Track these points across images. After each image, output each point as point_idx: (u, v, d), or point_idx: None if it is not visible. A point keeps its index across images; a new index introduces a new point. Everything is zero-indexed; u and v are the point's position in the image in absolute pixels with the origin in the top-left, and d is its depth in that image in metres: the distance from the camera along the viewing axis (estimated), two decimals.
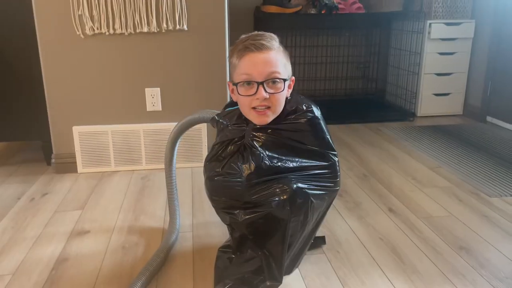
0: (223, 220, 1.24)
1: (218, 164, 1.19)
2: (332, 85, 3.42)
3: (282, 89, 1.13)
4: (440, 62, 3.00)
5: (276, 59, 1.11)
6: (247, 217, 1.14)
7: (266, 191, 1.12)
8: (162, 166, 2.05)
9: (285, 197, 1.10)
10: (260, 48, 1.10)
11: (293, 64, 3.16)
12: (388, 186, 1.88)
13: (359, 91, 3.48)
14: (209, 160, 1.22)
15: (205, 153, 2.06)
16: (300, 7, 2.84)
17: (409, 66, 3.05)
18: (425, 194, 1.80)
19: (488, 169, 2.06)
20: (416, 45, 2.96)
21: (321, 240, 1.41)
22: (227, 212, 1.20)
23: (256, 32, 1.16)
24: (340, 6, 2.88)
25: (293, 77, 1.20)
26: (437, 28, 2.91)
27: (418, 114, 3.08)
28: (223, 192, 1.18)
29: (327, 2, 2.79)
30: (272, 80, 1.11)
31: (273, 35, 1.16)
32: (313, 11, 2.84)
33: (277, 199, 1.10)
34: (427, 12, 2.95)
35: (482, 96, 2.96)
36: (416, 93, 3.03)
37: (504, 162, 2.15)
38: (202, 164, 2.01)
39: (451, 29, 2.93)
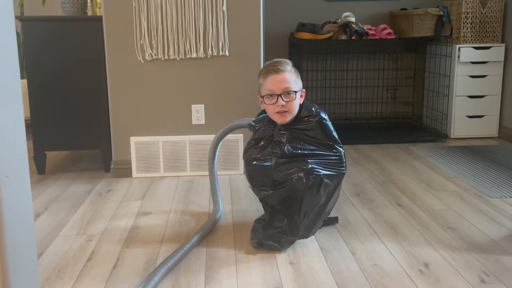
0: (257, 195, 2.02)
1: (254, 151, 1.99)
2: (367, 109, 4.19)
3: (295, 98, 1.95)
4: (472, 84, 3.73)
5: (289, 78, 1.95)
6: (276, 189, 1.91)
7: (289, 170, 1.90)
8: (205, 172, 2.86)
9: (302, 174, 1.88)
10: (277, 71, 1.94)
11: (325, 88, 3.96)
12: (402, 190, 2.61)
13: (396, 114, 4.22)
14: (247, 150, 2.03)
15: (241, 162, 2.84)
16: (332, 33, 3.68)
17: (439, 88, 3.79)
18: (433, 196, 2.52)
19: (502, 180, 2.74)
20: (445, 68, 3.72)
21: (334, 219, 2.16)
22: (261, 188, 1.98)
23: (275, 59, 2.00)
24: (370, 32, 3.70)
25: (304, 89, 2.02)
26: (466, 52, 3.66)
27: (452, 136, 3.79)
28: (258, 172, 1.97)
29: (357, 28, 3.62)
30: (287, 92, 1.94)
31: (287, 60, 2.00)
32: (344, 37, 3.67)
33: (296, 175, 1.88)
34: (456, 37, 3.72)
35: None
36: (447, 115, 3.75)
37: None
38: (239, 172, 2.82)
39: (480, 52, 3.68)
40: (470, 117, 3.78)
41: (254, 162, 1.99)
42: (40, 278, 1.68)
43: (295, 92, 1.96)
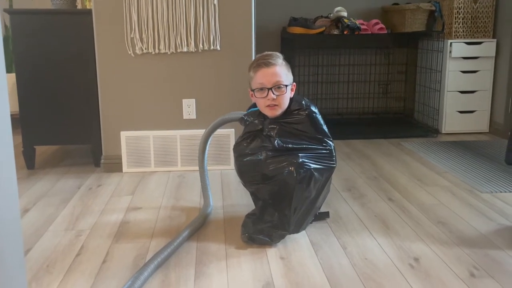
0: (249, 189, 2.01)
1: (244, 145, 1.98)
2: (359, 104, 4.19)
3: (285, 92, 1.94)
4: (463, 80, 3.74)
5: (280, 71, 1.93)
6: (266, 183, 1.91)
7: (279, 164, 1.89)
8: (196, 167, 2.84)
9: (292, 168, 1.87)
10: (268, 64, 1.93)
11: (316, 83, 3.95)
12: (394, 185, 2.61)
13: (388, 110, 4.23)
14: (237, 144, 2.02)
15: (232, 157, 2.83)
16: (324, 28, 3.67)
17: (431, 83, 3.80)
18: (425, 191, 2.52)
19: (492, 175, 2.75)
20: (437, 63, 3.72)
21: (325, 214, 2.16)
22: (251, 183, 1.97)
23: (266, 53, 1.98)
24: (362, 27, 3.69)
25: (294, 83, 2.01)
26: (458, 47, 3.67)
27: (443, 131, 3.80)
28: (248, 167, 1.96)
29: (349, 23, 3.61)
30: (277, 86, 1.93)
31: (278, 53, 1.99)
32: (336, 31, 3.66)
33: (286, 169, 1.87)
34: (448, 32, 3.73)
35: (504, 113, 3.66)
36: (438, 110, 3.76)
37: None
38: (230, 167, 2.81)
39: (472, 48, 3.68)
40: (461, 112, 3.80)
41: (244, 157, 1.98)
42: (28, 274, 1.67)
43: (286, 86, 1.95)
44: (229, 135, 2.87)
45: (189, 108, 2.86)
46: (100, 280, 1.66)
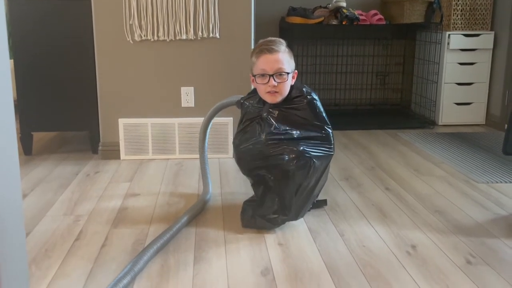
0: (248, 176, 2.01)
1: (243, 134, 1.98)
2: (356, 95, 4.20)
3: (287, 79, 1.94)
4: (461, 72, 3.75)
5: (282, 58, 1.93)
6: (266, 168, 1.91)
7: (279, 150, 1.89)
8: (194, 155, 2.85)
9: (293, 156, 1.88)
10: (271, 51, 1.92)
11: (314, 73, 3.95)
12: (390, 174, 2.63)
13: (385, 101, 4.24)
14: (236, 135, 2.02)
15: (230, 145, 2.84)
16: (323, 18, 3.67)
17: (428, 75, 3.81)
18: (421, 180, 2.54)
19: (488, 165, 2.77)
20: (435, 55, 3.73)
21: (323, 202, 2.17)
22: (252, 169, 1.97)
23: (269, 38, 1.98)
24: (361, 17, 3.69)
25: (296, 71, 2.01)
26: (456, 39, 3.68)
27: (440, 123, 3.82)
28: (248, 151, 1.96)
29: (348, 14, 3.61)
30: (279, 73, 1.93)
31: (281, 40, 1.98)
32: (334, 22, 3.66)
33: (287, 157, 1.88)
34: (446, 24, 3.73)
35: (501, 105, 3.68)
36: (435, 102, 3.77)
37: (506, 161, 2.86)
38: (228, 156, 2.82)
39: (470, 40, 3.69)
40: (458, 104, 3.81)
41: (244, 143, 1.98)
42: (27, 257, 1.67)
43: (287, 73, 1.95)
44: (227, 123, 2.87)
45: (187, 96, 2.86)
46: (99, 264, 1.67)
